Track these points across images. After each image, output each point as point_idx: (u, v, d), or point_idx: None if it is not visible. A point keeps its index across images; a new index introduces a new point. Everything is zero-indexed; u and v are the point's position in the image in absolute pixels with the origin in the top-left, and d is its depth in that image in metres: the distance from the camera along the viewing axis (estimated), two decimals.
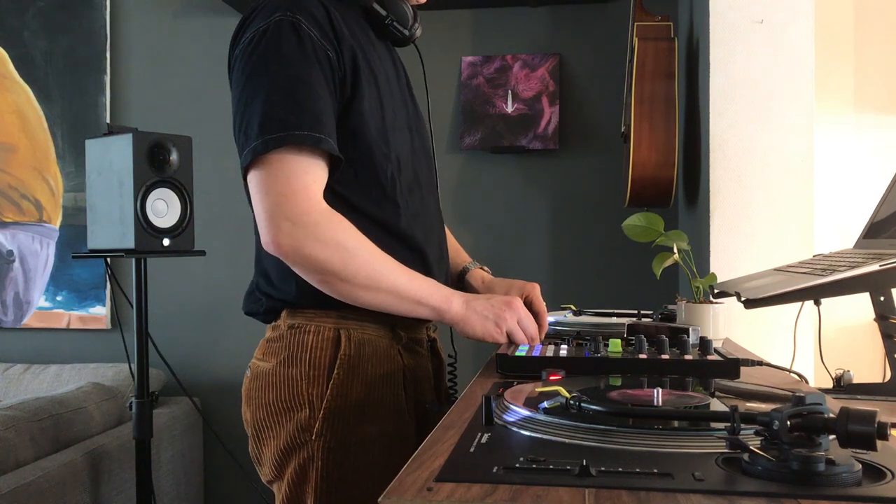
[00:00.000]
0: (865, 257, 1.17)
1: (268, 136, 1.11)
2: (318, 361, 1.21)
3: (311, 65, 1.13)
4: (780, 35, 1.97)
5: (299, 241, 1.12)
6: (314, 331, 1.22)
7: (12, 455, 2.02)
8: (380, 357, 1.24)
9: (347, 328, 1.23)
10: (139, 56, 3.13)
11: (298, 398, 1.21)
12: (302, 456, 1.20)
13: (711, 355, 1.11)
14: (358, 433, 1.20)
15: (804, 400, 0.64)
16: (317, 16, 1.16)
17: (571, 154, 2.89)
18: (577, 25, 2.89)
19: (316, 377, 1.21)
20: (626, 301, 2.39)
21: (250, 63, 1.15)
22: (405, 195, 1.27)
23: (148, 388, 2.16)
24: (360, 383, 1.21)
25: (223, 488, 3.04)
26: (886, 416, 0.61)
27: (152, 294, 2.47)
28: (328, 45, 1.15)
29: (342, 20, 1.20)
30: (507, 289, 1.41)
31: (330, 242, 1.13)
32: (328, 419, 1.19)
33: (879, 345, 1.18)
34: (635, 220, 1.51)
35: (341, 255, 1.13)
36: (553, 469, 0.63)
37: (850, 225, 2.12)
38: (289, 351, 1.23)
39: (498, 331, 1.20)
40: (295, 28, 1.13)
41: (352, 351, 1.22)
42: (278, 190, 1.12)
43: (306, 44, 1.13)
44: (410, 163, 1.30)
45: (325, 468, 1.19)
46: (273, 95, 1.12)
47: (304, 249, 1.13)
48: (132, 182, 2.03)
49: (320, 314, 1.23)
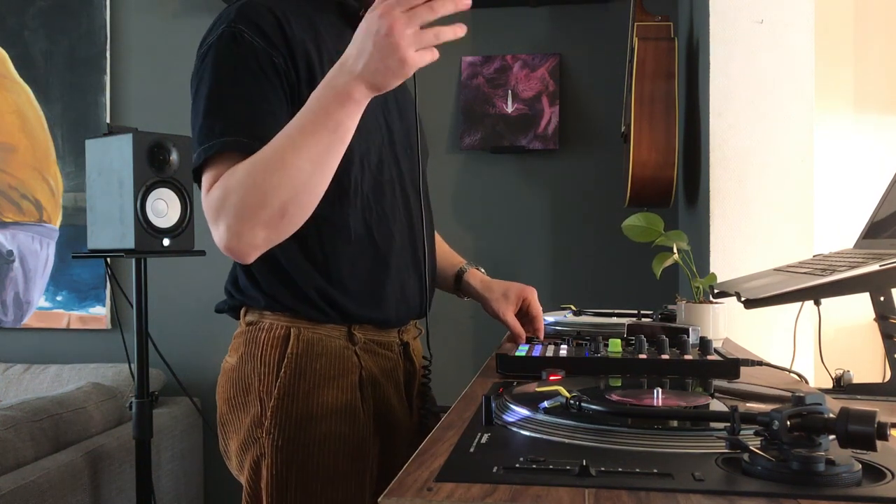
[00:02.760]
0: (865, 257, 1.17)
1: (202, 147, 1.13)
2: (269, 359, 1.21)
3: (249, 72, 1.14)
4: (780, 35, 1.97)
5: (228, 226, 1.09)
6: (267, 328, 1.23)
7: (12, 455, 2.02)
8: (330, 357, 1.22)
9: (298, 327, 1.22)
10: (139, 56, 3.14)
11: (251, 394, 1.21)
12: (256, 452, 1.21)
13: (711, 355, 1.11)
14: (307, 432, 1.19)
15: (804, 400, 0.64)
16: (262, 25, 1.16)
17: (571, 154, 2.89)
18: (577, 25, 2.89)
19: (266, 374, 1.21)
20: (626, 301, 2.39)
21: (196, 76, 1.19)
22: (370, 197, 1.24)
23: (148, 388, 2.16)
24: (307, 383, 1.20)
25: (223, 488, 3.04)
26: (886, 416, 0.61)
27: (152, 294, 2.47)
28: (274, 52, 1.15)
29: (303, 24, 1.20)
30: (506, 289, 1.40)
31: (233, 199, 1.08)
32: (276, 417, 1.19)
33: (879, 345, 1.18)
34: (635, 220, 1.51)
35: (245, 195, 1.07)
36: (553, 469, 0.63)
37: (850, 225, 2.12)
38: (245, 347, 1.24)
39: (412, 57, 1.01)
40: (236, 38, 1.15)
41: (300, 349, 1.21)
42: (204, 197, 1.13)
43: (245, 53, 1.14)
44: (377, 161, 1.26)
45: (274, 465, 1.19)
46: (209, 107, 1.14)
47: (234, 227, 1.09)
48: (132, 182, 2.03)
49: (275, 313, 1.23)
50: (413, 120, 1.38)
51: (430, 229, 1.38)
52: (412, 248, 1.31)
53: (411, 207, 1.32)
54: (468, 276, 1.48)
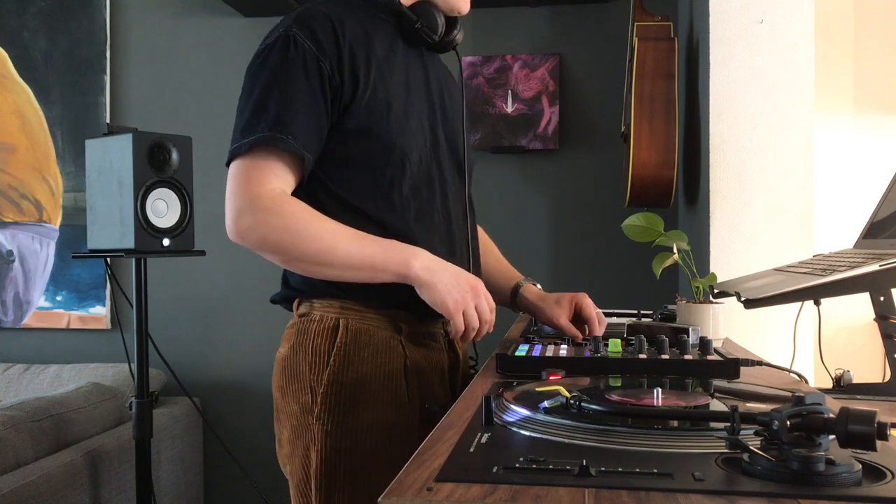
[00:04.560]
0: (865, 257, 1.17)
1: (241, 141, 1.23)
2: (318, 348, 1.28)
3: (296, 76, 1.24)
4: (780, 35, 1.97)
5: (251, 226, 1.21)
6: (318, 319, 1.30)
7: (12, 455, 2.02)
8: (377, 347, 1.28)
9: (347, 317, 1.29)
10: (139, 56, 3.14)
11: (302, 383, 1.28)
12: (307, 438, 1.27)
13: (711, 355, 1.11)
14: (355, 419, 1.25)
15: (804, 400, 0.64)
16: (317, 31, 1.25)
17: (571, 154, 2.89)
18: (577, 25, 2.89)
19: (316, 364, 1.28)
20: (626, 301, 2.39)
21: (250, 72, 1.29)
22: (406, 196, 1.31)
23: (148, 388, 2.16)
24: (354, 372, 1.27)
25: (223, 488, 3.04)
26: (886, 416, 0.61)
27: (152, 294, 2.47)
28: (323, 58, 1.25)
29: (356, 32, 1.29)
30: (558, 297, 1.45)
31: (279, 225, 1.21)
32: (325, 404, 1.26)
33: (879, 345, 1.18)
34: (635, 220, 1.51)
35: (290, 236, 1.21)
36: (553, 469, 0.63)
37: (850, 225, 2.12)
38: (297, 338, 1.31)
39: (455, 309, 1.21)
40: (291, 42, 1.25)
41: (348, 339, 1.27)
42: (236, 184, 1.23)
43: (297, 57, 1.24)
44: (420, 164, 1.33)
45: (324, 451, 1.25)
46: (255, 105, 1.24)
47: (255, 233, 1.21)
48: (132, 182, 2.03)
49: (325, 303, 1.30)
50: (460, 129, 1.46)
51: (473, 230, 1.45)
52: (450, 245, 1.37)
53: (450, 209, 1.38)
54: (524, 290, 1.53)
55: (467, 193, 1.44)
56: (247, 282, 3.03)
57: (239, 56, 3.01)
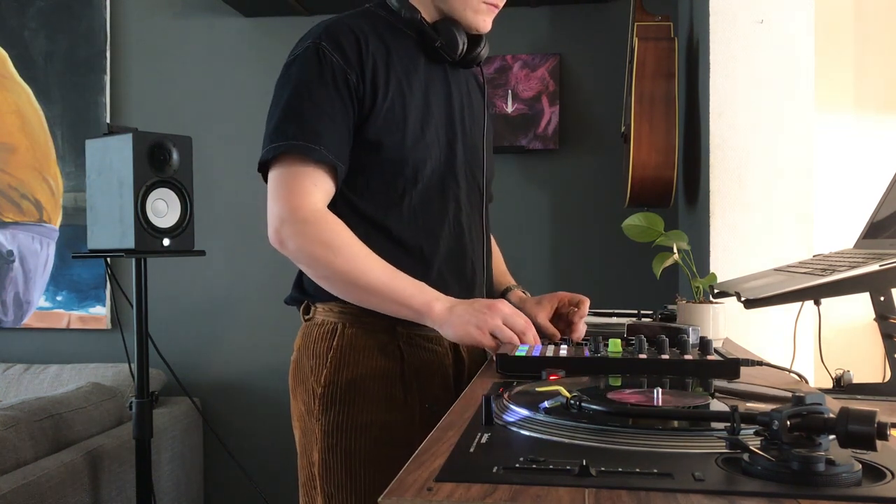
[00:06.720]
0: (865, 257, 1.17)
1: (272, 145, 1.28)
2: (319, 351, 1.34)
3: (325, 86, 1.28)
4: (780, 35, 1.97)
5: (290, 236, 1.25)
6: (320, 323, 1.36)
7: (12, 455, 2.02)
8: (373, 350, 1.32)
9: (345, 321, 1.33)
10: (139, 56, 3.13)
11: (306, 385, 1.34)
12: (310, 438, 1.33)
13: (711, 355, 1.11)
14: (350, 419, 1.30)
15: (804, 400, 0.64)
16: (343, 44, 1.30)
17: (571, 154, 2.89)
18: (577, 25, 2.89)
19: (316, 366, 1.33)
20: (626, 301, 2.39)
21: (280, 81, 1.34)
22: (416, 207, 1.34)
23: (148, 388, 2.16)
24: (349, 372, 1.31)
25: (223, 488, 3.04)
26: (886, 416, 0.61)
27: (152, 294, 2.47)
28: (349, 69, 1.29)
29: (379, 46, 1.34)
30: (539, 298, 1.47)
31: (316, 240, 1.25)
32: (323, 404, 1.31)
33: (879, 345, 1.18)
34: (635, 220, 1.51)
35: (325, 252, 1.24)
36: (553, 469, 0.63)
37: (850, 225, 2.12)
38: (302, 341, 1.38)
39: (480, 333, 1.21)
40: (318, 54, 1.30)
41: (344, 342, 1.32)
42: (279, 192, 1.28)
43: (325, 68, 1.29)
44: (433, 177, 1.36)
45: (323, 450, 1.30)
46: (285, 111, 1.29)
47: (294, 243, 1.26)
48: (132, 182, 2.03)
49: (327, 307, 1.35)
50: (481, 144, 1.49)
51: (487, 244, 1.49)
52: (461, 258, 1.40)
53: (463, 222, 1.41)
54: (510, 295, 1.55)
55: (484, 207, 1.47)
56: (247, 282, 3.03)
57: (239, 56, 3.01)
